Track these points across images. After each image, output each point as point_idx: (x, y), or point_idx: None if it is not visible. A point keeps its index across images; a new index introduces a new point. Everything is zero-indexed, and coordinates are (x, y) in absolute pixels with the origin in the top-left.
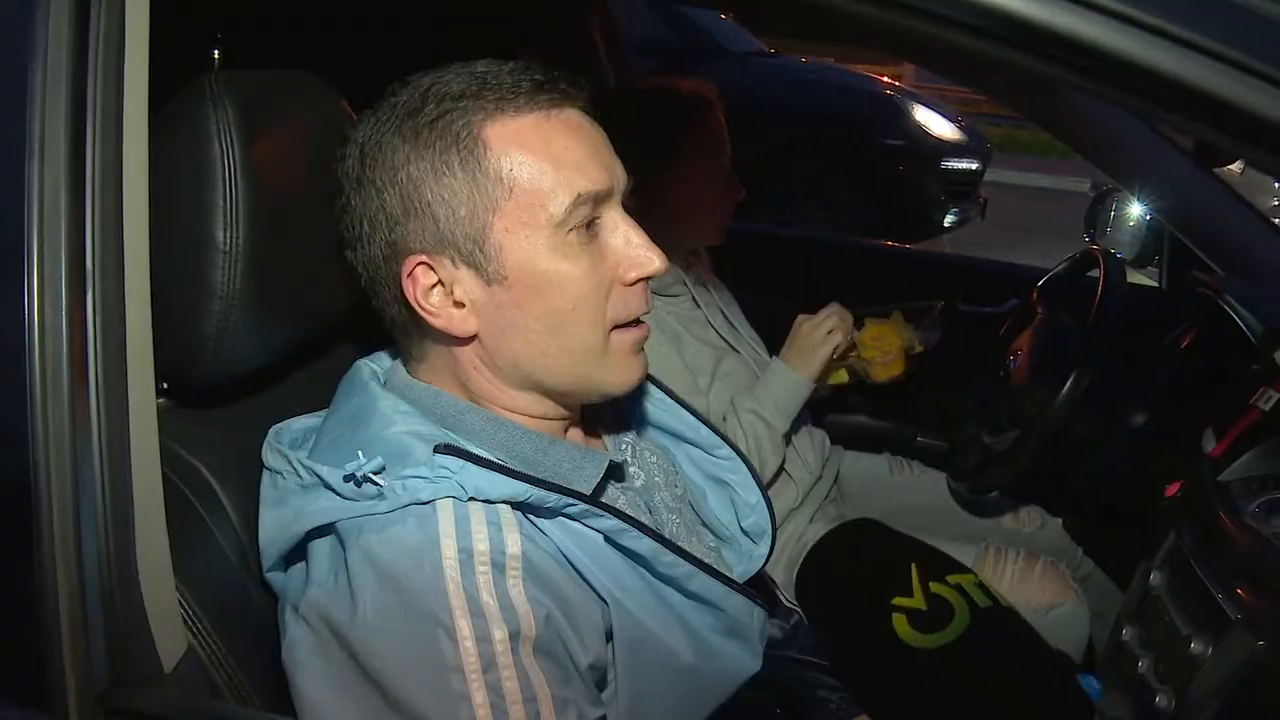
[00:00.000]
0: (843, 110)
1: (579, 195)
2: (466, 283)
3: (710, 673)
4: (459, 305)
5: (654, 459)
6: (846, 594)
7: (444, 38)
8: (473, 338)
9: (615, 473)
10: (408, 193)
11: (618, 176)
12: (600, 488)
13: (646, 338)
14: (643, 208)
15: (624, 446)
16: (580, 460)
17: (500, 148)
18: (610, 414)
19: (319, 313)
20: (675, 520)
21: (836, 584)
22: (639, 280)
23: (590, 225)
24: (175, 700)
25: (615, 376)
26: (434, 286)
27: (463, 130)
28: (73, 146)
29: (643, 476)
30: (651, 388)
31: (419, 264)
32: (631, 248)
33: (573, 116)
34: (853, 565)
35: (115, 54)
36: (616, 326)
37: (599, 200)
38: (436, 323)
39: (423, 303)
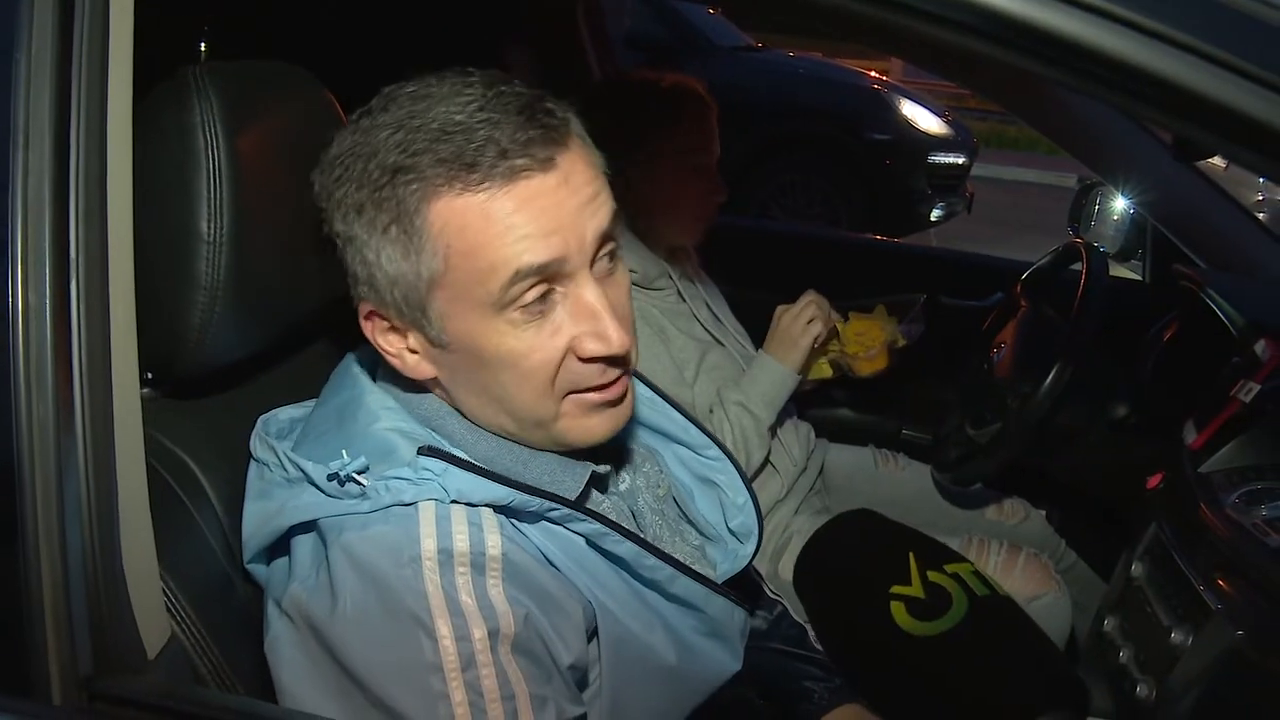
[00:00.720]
0: (830, 105)
1: (517, 272)
2: (416, 337)
3: (692, 673)
4: (413, 351)
5: (638, 460)
6: (846, 582)
7: (432, 30)
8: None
9: (598, 480)
10: (357, 247)
11: (584, 237)
12: (583, 493)
13: (610, 399)
14: (619, 201)
15: (610, 449)
16: (561, 473)
17: (440, 225)
18: None
19: (304, 303)
20: (658, 522)
21: (836, 573)
22: (595, 359)
23: (546, 296)
24: (158, 687)
25: (576, 436)
26: (390, 330)
27: (406, 200)
28: (56, 136)
29: (627, 480)
30: (641, 387)
31: (371, 310)
32: (589, 324)
33: (532, 185)
34: (852, 554)
35: (100, 43)
36: (572, 392)
37: (549, 273)
38: (394, 363)
39: (380, 343)
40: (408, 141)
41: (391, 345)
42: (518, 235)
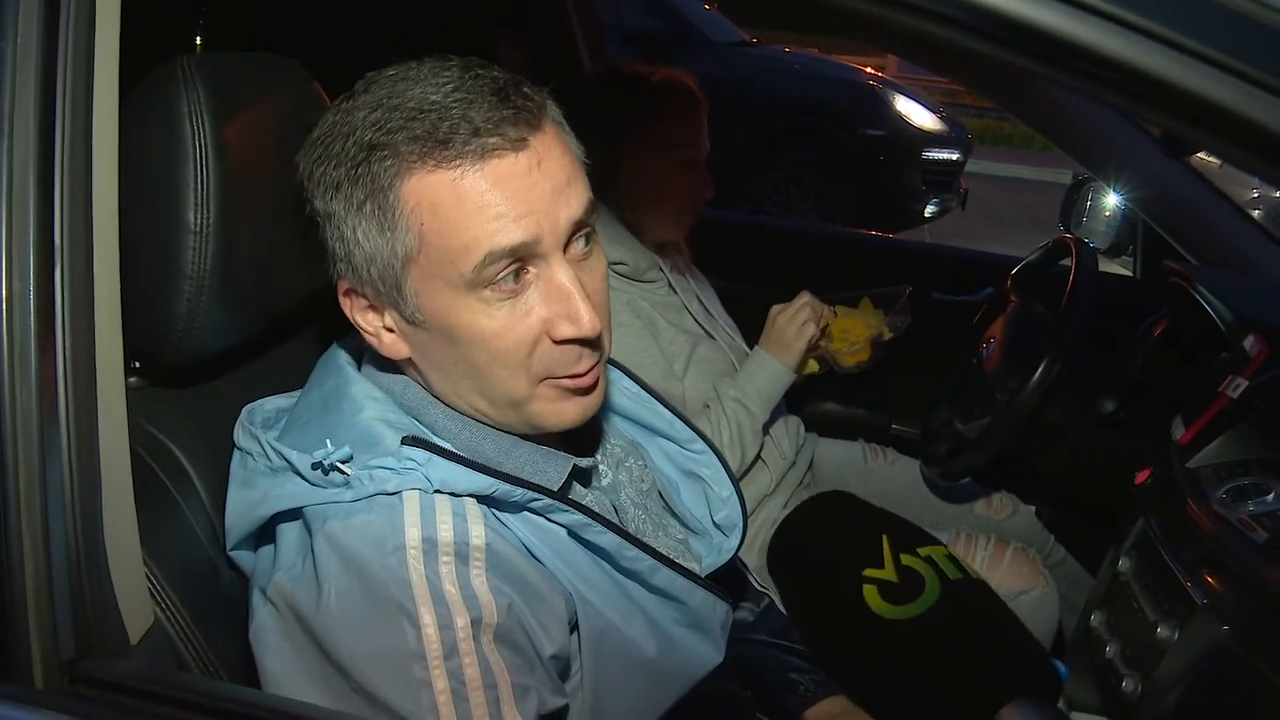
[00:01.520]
0: (825, 100)
1: (488, 254)
2: (392, 314)
3: (673, 665)
4: (390, 330)
5: (621, 455)
6: (818, 564)
7: (424, 22)
8: (408, 358)
9: (580, 474)
10: (335, 224)
11: (557, 222)
12: (565, 486)
13: (584, 386)
14: (603, 194)
15: (592, 444)
16: (543, 464)
17: (414, 202)
18: None
19: (291, 293)
20: (641, 516)
21: (808, 554)
22: (568, 341)
23: (519, 276)
24: (141, 671)
25: (548, 420)
26: (368, 308)
27: (381, 177)
28: (41, 125)
29: (609, 475)
30: (626, 381)
31: (349, 288)
32: (561, 305)
33: (504, 165)
34: (825, 536)
35: (85, 33)
36: (548, 378)
37: (521, 254)
38: (371, 341)
39: (359, 320)
40: (384, 120)
41: (369, 324)
42: (490, 215)
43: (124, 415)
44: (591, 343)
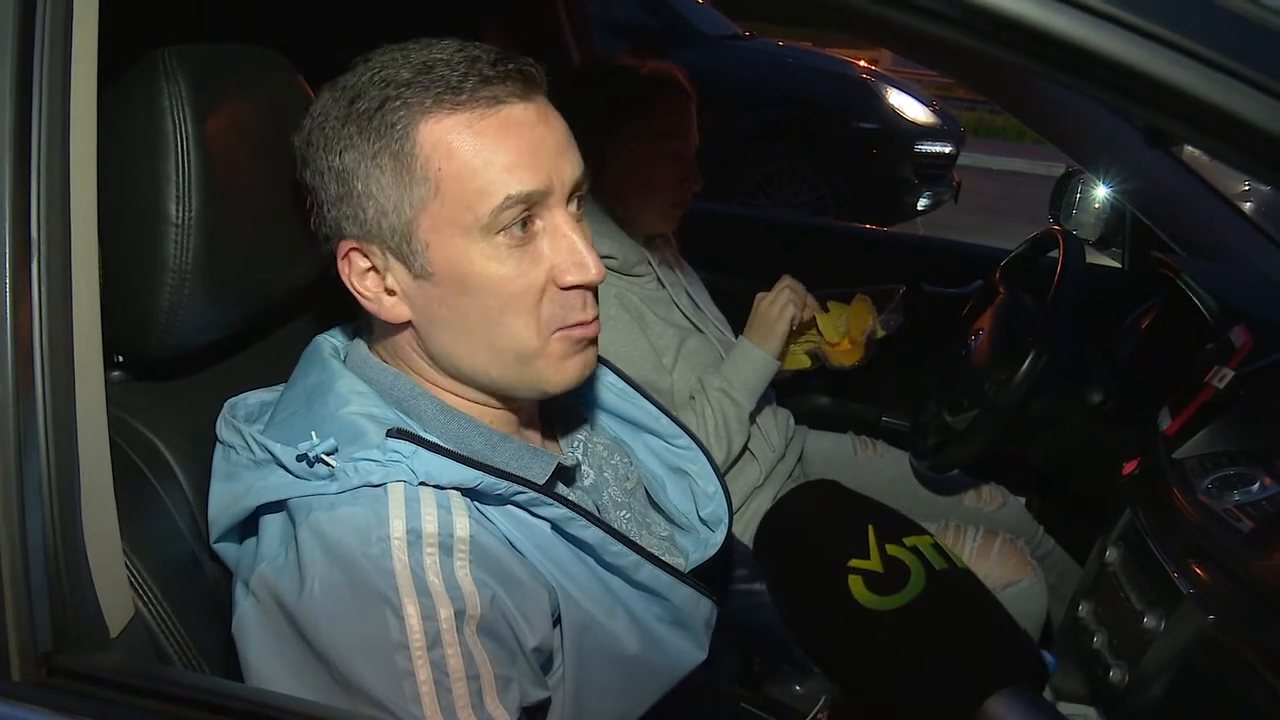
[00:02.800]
0: (817, 94)
1: (506, 198)
2: (397, 272)
3: (655, 662)
4: (390, 293)
5: (605, 454)
6: (803, 554)
7: (410, 13)
8: (407, 324)
9: (563, 473)
10: (343, 179)
11: (564, 176)
12: (549, 483)
13: (590, 336)
14: (593, 187)
15: (576, 444)
16: (528, 461)
17: (430, 147)
18: (565, 405)
19: (274, 287)
20: (624, 516)
21: (794, 545)
22: (575, 286)
23: (527, 225)
24: (119, 664)
25: (552, 377)
26: (368, 270)
27: (396, 125)
28: (17, 117)
29: (592, 475)
30: (611, 376)
31: (352, 248)
32: (568, 253)
33: (515, 113)
34: (811, 526)
35: (63, 25)
36: (560, 328)
37: (534, 202)
38: (369, 306)
39: (357, 285)
40: (391, 77)
41: (368, 289)
42: (507, 161)
43: (104, 408)
44: (594, 290)
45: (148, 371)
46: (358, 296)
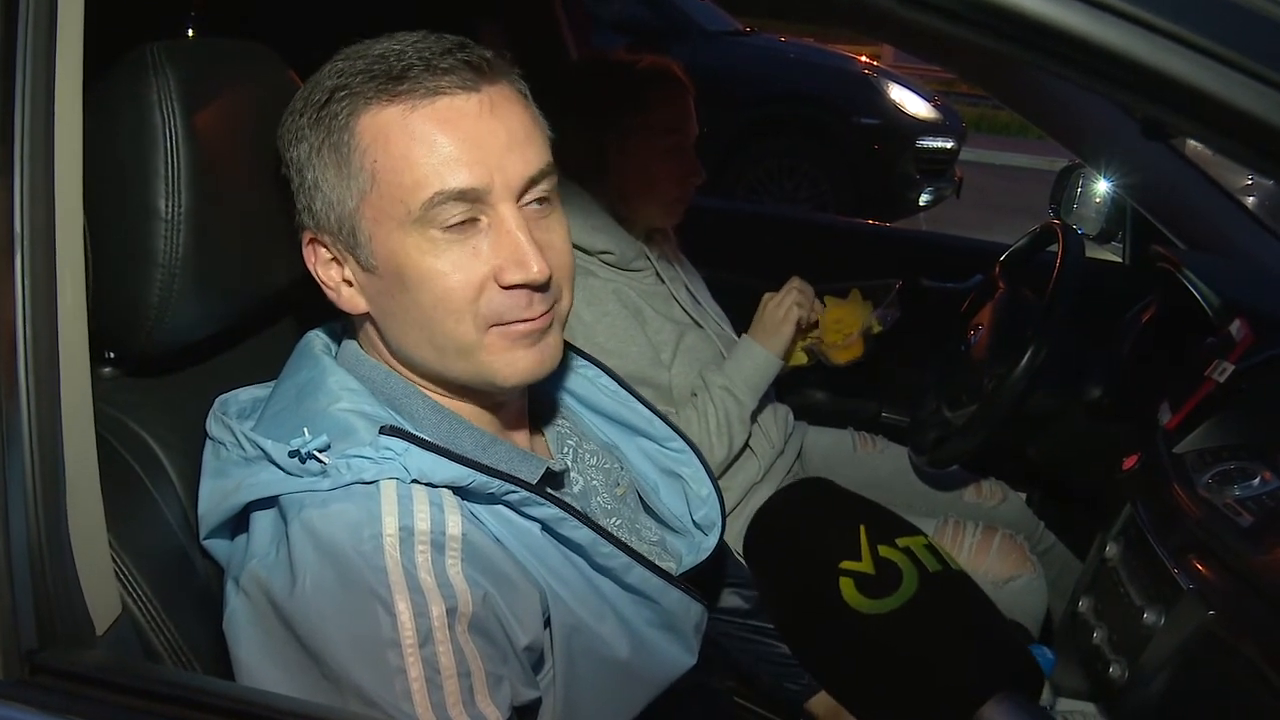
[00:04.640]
0: (818, 89)
1: (436, 194)
2: (350, 264)
3: (644, 665)
4: (349, 283)
5: (595, 460)
6: (794, 556)
7: (405, 9)
8: (367, 314)
9: (552, 479)
10: (299, 170)
11: (509, 173)
12: (539, 486)
13: (536, 330)
14: (593, 182)
15: (566, 449)
16: (518, 463)
17: (369, 139)
18: (556, 409)
19: (265, 282)
20: (615, 523)
21: (785, 546)
22: (516, 286)
23: (468, 223)
24: (104, 661)
25: (501, 369)
26: (331, 260)
27: (339, 116)
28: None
29: (580, 482)
30: (605, 379)
31: (312, 239)
32: (510, 252)
33: (456, 104)
34: (801, 527)
35: (46, 19)
36: (496, 324)
37: (471, 199)
38: (331, 296)
39: (321, 275)
40: (346, 67)
41: (330, 278)
42: (441, 156)
43: (90, 403)
44: (542, 287)
45: (138, 368)
46: (321, 286)
